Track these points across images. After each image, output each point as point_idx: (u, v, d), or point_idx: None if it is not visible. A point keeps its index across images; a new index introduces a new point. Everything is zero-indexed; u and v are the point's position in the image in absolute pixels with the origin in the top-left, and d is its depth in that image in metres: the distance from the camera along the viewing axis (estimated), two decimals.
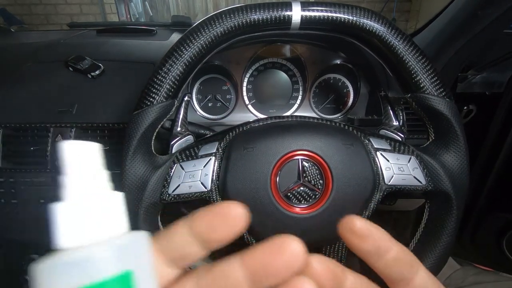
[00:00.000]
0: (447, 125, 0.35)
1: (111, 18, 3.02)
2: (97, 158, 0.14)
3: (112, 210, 0.14)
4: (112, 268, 0.12)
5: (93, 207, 0.13)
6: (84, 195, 0.13)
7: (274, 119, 0.37)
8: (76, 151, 0.14)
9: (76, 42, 0.76)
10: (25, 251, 0.62)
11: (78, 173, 0.13)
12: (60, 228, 0.13)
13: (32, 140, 0.55)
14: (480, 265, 0.69)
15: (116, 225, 0.13)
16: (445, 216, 0.35)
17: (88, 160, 0.14)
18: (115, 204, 0.14)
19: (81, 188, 0.13)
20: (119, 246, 0.12)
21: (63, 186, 0.13)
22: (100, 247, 0.12)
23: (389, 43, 0.33)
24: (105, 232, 0.13)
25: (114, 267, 0.12)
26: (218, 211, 0.15)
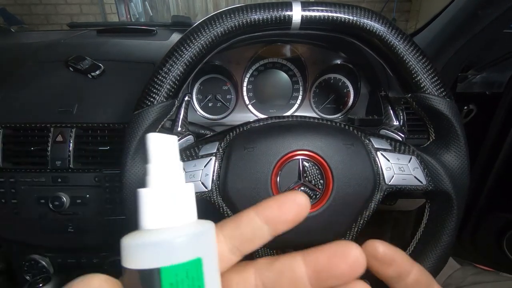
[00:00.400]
0: (448, 125, 0.35)
1: (111, 18, 3.02)
2: (175, 149, 0.16)
3: (187, 199, 0.15)
4: (187, 254, 0.13)
5: (172, 195, 0.15)
6: (165, 183, 0.15)
7: (274, 119, 0.37)
8: (160, 142, 0.15)
9: (76, 42, 0.76)
10: (25, 251, 0.62)
11: (160, 163, 0.15)
12: (143, 211, 0.14)
13: (32, 140, 0.55)
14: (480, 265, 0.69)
15: (190, 213, 0.15)
16: (446, 216, 0.35)
17: (169, 151, 0.15)
18: (189, 193, 0.15)
19: (163, 176, 0.15)
20: (193, 234, 0.14)
21: (147, 173, 0.15)
22: (178, 233, 0.14)
23: (390, 43, 0.33)
24: (181, 218, 0.15)
25: (189, 253, 0.13)
26: (286, 198, 0.16)
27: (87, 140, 0.56)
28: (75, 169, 0.55)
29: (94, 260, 0.63)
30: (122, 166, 0.32)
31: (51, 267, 0.63)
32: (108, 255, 0.63)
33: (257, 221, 0.16)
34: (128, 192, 0.32)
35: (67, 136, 0.55)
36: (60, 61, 0.61)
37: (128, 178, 0.32)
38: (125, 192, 0.32)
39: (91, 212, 0.56)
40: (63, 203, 0.54)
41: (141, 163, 0.33)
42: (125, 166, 0.32)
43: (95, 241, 0.58)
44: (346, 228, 0.33)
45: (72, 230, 0.57)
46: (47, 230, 0.57)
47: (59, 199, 0.54)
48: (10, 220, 0.57)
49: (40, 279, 0.54)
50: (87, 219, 0.56)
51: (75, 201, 0.55)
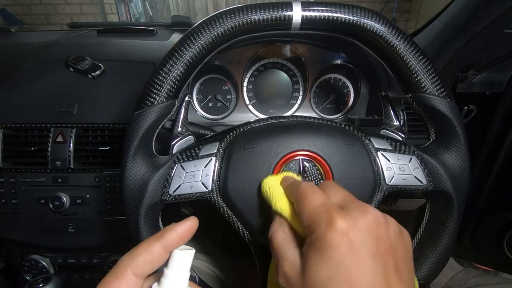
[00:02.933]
0: (448, 125, 0.35)
1: (111, 18, 3.02)
2: (189, 262, 0.22)
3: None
4: None
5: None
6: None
7: (274, 119, 0.37)
8: (180, 258, 0.21)
9: (77, 42, 0.76)
10: (25, 251, 0.62)
11: (174, 273, 0.21)
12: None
13: (32, 140, 0.55)
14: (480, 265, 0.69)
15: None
16: (446, 216, 0.35)
17: (184, 264, 0.21)
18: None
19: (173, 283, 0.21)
20: None
21: (163, 275, 0.21)
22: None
23: (390, 43, 0.33)
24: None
25: None
26: (183, 228, 0.23)
27: (87, 140, 0.56)
28: (75, 169, 0.55)
29: (94, 260, 0.63)
30: (122, 166, 0.32)
31: (51, 267, 0.63)
32: (108, 255, 0.63)
33: (158, 249, 0.21)
34: (128, 192, 0.32)
35: (67, 136, 0.55)
36: (60, 61, 0.61)
37: (128, 178, 0.32)
38: (125, 193, 0.32)
39: (91, 212, 0.56)
40: (63, 203, 0.54)
41: (141, 164, 0.33)
42: (125, 166, 0.32)
43: (95, 241, 0.58)
44: None
45: (72, 230, 0.57)
46: (47, 230, 0.57)
47: (59, 199, 0.54)
48: (10, 220, 0.57)
49: (40, 279, 0.54)
50: (87, 219, 0.56)
51: (75, 201, 0.55)
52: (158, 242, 0.21)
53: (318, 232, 0.20)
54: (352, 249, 0.19)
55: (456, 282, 0.59)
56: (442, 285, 0.59)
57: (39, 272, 0.62)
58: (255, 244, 0.34)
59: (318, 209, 0.21)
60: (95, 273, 0.65)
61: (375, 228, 0.20)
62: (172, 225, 0.22)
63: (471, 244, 0.73)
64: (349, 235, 0.19)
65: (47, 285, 0.54)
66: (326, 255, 0.19)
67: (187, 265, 0.21)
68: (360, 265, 0.18)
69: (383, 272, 0.19)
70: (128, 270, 0.21)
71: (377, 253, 0.19)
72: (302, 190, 0.23)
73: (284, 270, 0.21)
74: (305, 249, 0.21)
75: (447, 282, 0.60)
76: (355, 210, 0.20)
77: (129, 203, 0.32)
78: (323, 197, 0.22)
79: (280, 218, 0.25)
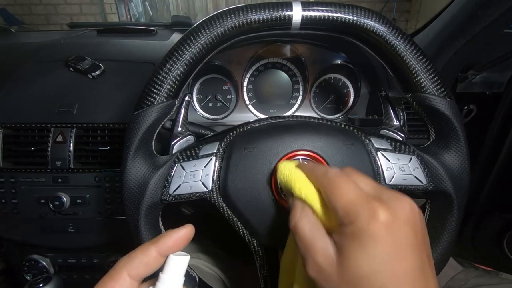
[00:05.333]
0: (448, 125, 0.35)
1: (111, 18, 3.02)
2: (184, 268, 0.22)
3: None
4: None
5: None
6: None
7: (274, 119, 0.37)
8: (175, 263, 0.22)
9: (77, 42, 0.76)
10: (25, 251, 0.62)
11: (169, 277, 0.22)
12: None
13: (32, 140, 0.55)
14: (480, 265, 0.69)
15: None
16: (446, 216, 0.35)
17: (179, 269, 0.22)
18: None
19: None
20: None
21: (158, 280, 0.22)
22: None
23: (390, 43, 0.33)
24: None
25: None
26: (178, 234, 0.23)
27: (87, 140, 0.56)
28: (75, 169, 0.55)
29: (94, 260, 0.63)
30: (122, 166, 0.32)
31: (51, 267, 0.63)
32: (108, 255, 0.63)
33: (154, 253, 0.22)
34: (128, 192, 0.32)
35: (67, 136, 0.55)
36: (60, 61, 0.61)
37: (128, 178, 0.32)
38: (125, 192, 0.32)
39: (91, 212, 0.56)
40: (63, 203, 0.54)
41: (141, 164, 0.33)
42: (125, 166, 0.32)
43: (95, 241, 0.58)
44: None
45: (72, 230, 0.57)
46: (47, 230, 0.57)
47: (59, 199, 0.54)
48: (10, 220, 0.57)
49: (40, 279, 0.54)
50: (87, 219, 0.56)
51: (75, 201, 0.55)
52: (154, 246, 0.22)
53: (358, 223, 0.19)
54: (395, 241, 0.19)
55: (456, 282, 0.59)
56: (442, 285, 0.59)
57: (39, 272, 0.62)
58: (255, 244, 0.34)
59: (357, 200, 0.20)
60: (95, 273, 0.65)
61: (413, 218, 0.20)
62: (169, 231, 0.23)
63: (471, 244, 0.73)
64: (392, 226, 0.19)
65: (47, 285, 0.54)
66: (370, 248, 0.19)
67: (182, 270, 0.22)
68: (403, 257, 0.19)
69: (421, 261, 0.19)
70: (124, 271, 0.21)
71: (416, 243, 0.19)
72: (332, 178, 0.22)
73: (317, 260, 0.20)
74: (341, 240, 0.20)
75: (447, 282, 0.60)
76: (392, 200, 0.20)
77: (129, 203, 0.32)
78: (357, 187, 0.21)
79: (303, 205, 0.24)
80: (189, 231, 0.23)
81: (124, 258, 0.22)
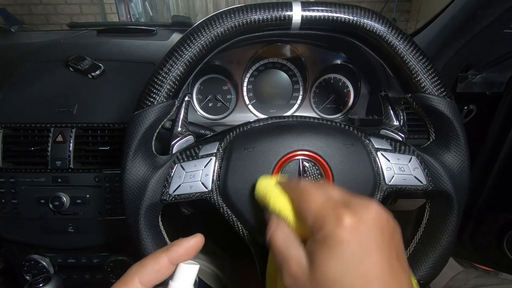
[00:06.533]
0: (448, 125, 0.35)
1: (111, 18, 3.02)
2: (193, 276, 0.23)
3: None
4: None
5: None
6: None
7: (274, 119, 0.37)
8: (185, 271, 0.23)
9: (76, 42, 0.76)
10: (25, 251, 0.62)
11: (179, 285, 0.22)
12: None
13: (32, 140, 0.55)
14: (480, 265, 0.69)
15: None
16: (446, 216, 0.35)
17: (188, 278, 0.23)
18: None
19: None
20: None
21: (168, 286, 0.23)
22: None
23: (390, 43, 0.33)
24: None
25: None
26: (189, 243, 0.24)
27: (87, 140, 0.56)
28: (75, 169, 0.55)
29: (94, 260, 0.63)
30: (122, 166, 0.32)
31: (51, 267, 0.63)
32: (108, 255, 0.63)
33: (165, 261, 0.23)
34: (128, 192, 0.32)
35: (67, 136, 0.55)
36: (60, 61, 0.61)
37: (128, 178, 0.32)
38: (125, 192, 0.32)
39: (91, 212, 0.56)
40: (63, 203, 0.54)
41: (141, 164, 0.33)
42: (125, 166, 0.32)
43: (95, 241, 0.58)
44: None
45: (72, 230, 0.57)
46: (47, 230, 0.57)
47: (59, 199, 0.54)
48: (10, 220, 0.57)
49: (40, 279, 0.54)
50: (87, 219, 0.56)
51: (75, 201, 0.55)
52: (165, 254, 0.23)
53: (326, 229, 0.20)
54: (361, 243, 0.19)
55: (456, 282, 0.59)
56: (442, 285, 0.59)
57: (39, 272, 0.62)
58: (255, 244, 0.34)
59: (324, 207, 0.21)
60: (95, 273, 0.65)
61: (379, 220, 0.20)
62: (180, 240, 0.24)
63: (471, 244, 0.73)
64: (357, 229, 0.19)
65: (47, 285, 0.53)
66: (337, 252, 0.19)
67: (192, 279, 0.23)
68: (369, 258, 0.19)
69: (388, 261, 0.19)
70: (136, 278, 0.22)
71: (382, 244, 0.20)
72: (303, 188, 0.23)
73: (291, 270, 0.21)
74: (311, 247, 0.21)
75: (447, 282, 0.60)
76: (359, 205, 0.21)
77: (129, 203, 0.32)
78: (326, 195, 0.22)
79: (278, 218, 0.25)
80: (199, 240, 0.24)
81: (135, 265, 0.23)
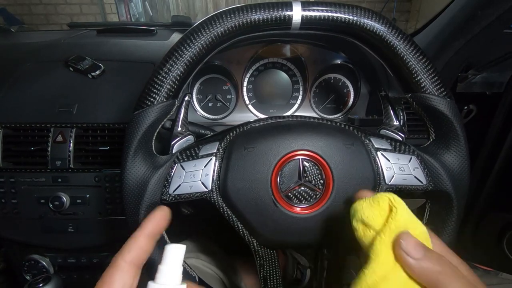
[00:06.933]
0: (448, 125, 0.35)
1: (111, 18, 3.02)
2: (181, 257, 0.24)
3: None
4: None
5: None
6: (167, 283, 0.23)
7: (274, 119, 0.37)
8: (173, 252, 0.23)
9: (76, 42, 0.76)
10: (25, 251, 0.62)
11: (168, 267, 0.23)
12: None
13: (32, 140, 0.55)
14: (480, 265, 0.69)
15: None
16: (446, 216, 0.35)
17: (176, 258, 0.23)
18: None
19: (167, 278, 0.23)
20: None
21: (158, 271, 0.23)
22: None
23: (390, 43, 0.33)
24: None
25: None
26: (155, 215, 0.26)
27: (87, 140, 0.56)
28: (75, 169, 0.55)
29: (94, 260, 0.63)
30: (122, 166, 0.32)
31: (51, 267, 0.63)
32: (108, 255, 0.63)
33: (143, 240, 0.24)
34: (128, 192, 0.32)
35: (67, 136, 0.55)
36: (60, 61, 0.61)
37: (128, 178, 0.32)
38: (125, 192, 0.32)
39: (91, 212, 0.56)
40: (63, 203, 0.54)
41: (141, 164, 0.33)
42: (125, 166, 0.32)
43: (95, 241, 0.58)
44: (346, 228, 0.33)
45: (72, 230, 0.57)
46: (47, 230, 0.57)
47: (59, 199, 0.54)
48: (10, 220, 0.57)
49: (40, 279, 0.54)
50: (87, 219, 0.56)
51: (75, 201, 0.55)
52: (140, 232, 0.25)
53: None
54: None
55: None
56: None
57: (39, 272, 0.62)
58: (255, 244, 0.34)
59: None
60: (95, 273, 0.65)
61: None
62: (147, 217, 0.26)
63: (471, 244, 0.73)
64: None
65: (47, 285, 0.54)
66: None
67: (180, 260, 0.23)
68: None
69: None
70: (118, 258, 0.23)
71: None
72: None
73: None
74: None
75: None
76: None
77: (129, 202, 0.32)
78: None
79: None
80: (163, 210, 0.26)
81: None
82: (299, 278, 0.69)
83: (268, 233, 0.32)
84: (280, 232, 0.32)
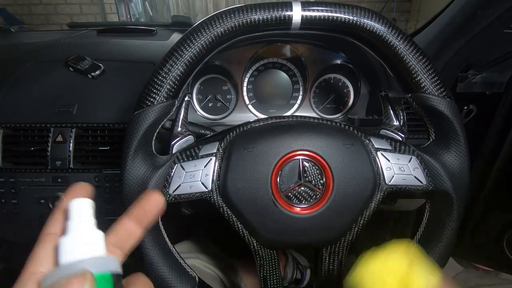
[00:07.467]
0: (448, 125, 0.35)
1: (111, 18, 3.02)
2: (90, 211, 0.22)
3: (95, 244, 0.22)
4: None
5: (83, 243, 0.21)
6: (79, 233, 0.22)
7: (274, 119, 0.37)
8: (79, 207, 0.22)
9: (76, 42, 0.76)
10: (25, 251, 0.62)
11: (77, 221, 0.22)
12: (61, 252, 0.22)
13: (32, 140, 0.55)
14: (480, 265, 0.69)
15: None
16: (446, 216, 0.35)
17: (85, 213, 0.22)
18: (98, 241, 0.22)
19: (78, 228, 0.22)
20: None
21: (67, 228, 0.22)
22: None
23: (390, 43, 0.33)
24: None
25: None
26: (145, 199, 0.25)
27: (87, 140, 0.56)
28: (75, 169, 0.55)
29: None
30: (122, 166, 0.32)
31: None
32: None
33: (129, 224, 0.23)
34: (128, 192, 0.32)
35: (67, 136, 0.55)
36: (60, 61, 0.61)
37: (128, 178, 0.32)
38: (125, 192, 0.32)
39: None
40: None
41: (141, 164, 0.33)
42: (125, 166, 0.32)
43: None
44: (346, 228, 0.33)
45: None
46: None
47: (59, 199, 0.54)
48: (10, 220, 0.57)
49: None
50: None
51: None
52: (124, 216, 0.24)
53: None
54: None
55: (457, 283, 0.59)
56: None
57: None
58: (255, 244, 0.34)
59: None
60: None
61: None
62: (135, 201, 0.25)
63: (471, 244, 0.73)
64: None
65: None
66: None
67: (86, 213, 0.22)
68: None
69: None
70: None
71: None
72: None
73: None
74: None
75: None
76: None
77: (129, 203, 0.32)
78: None
79: None
80: (151, 199, 0.25)
81: None
82: (299, 278, 0.69)
83: (268, 233, 0.32)
84: (280, 232, 0.32)
